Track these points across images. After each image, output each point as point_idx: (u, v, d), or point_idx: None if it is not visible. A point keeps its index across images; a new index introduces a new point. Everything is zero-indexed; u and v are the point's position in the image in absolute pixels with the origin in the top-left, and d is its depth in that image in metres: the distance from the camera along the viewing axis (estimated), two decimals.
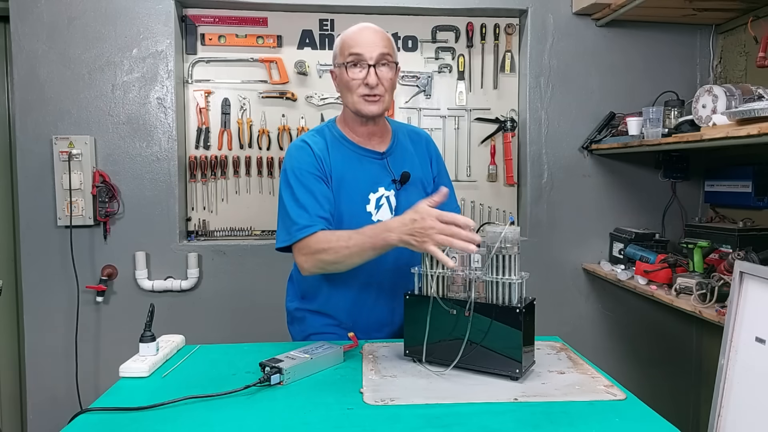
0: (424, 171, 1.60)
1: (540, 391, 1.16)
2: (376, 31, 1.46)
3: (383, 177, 1.52)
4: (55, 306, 2.38)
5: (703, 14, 2.37)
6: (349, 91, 1.46)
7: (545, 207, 2.56)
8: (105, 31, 2.35)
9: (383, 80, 1.44)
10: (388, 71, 1.45)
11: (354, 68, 1.44)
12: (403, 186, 1.53)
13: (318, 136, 1.52)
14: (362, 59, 1.43)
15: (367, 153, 1.52)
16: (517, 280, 1.21)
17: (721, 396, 1.62)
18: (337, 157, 1.49)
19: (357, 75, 1.43)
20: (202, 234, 2.53)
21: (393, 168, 1.53)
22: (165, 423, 1.04)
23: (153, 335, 1.32)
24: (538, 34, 2.51)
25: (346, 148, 1.51)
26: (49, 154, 2.32)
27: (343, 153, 1.50)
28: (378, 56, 1.43)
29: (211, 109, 2.51)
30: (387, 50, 1.44)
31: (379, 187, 1.51)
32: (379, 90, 1.44)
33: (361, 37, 1.44)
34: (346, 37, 1.46)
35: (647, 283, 2.14)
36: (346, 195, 1.48)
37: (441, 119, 2.59)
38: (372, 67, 1.43)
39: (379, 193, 1.50)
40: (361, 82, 1.43)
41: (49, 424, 2.39)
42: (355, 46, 1.43)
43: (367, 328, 1.53)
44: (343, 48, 1.46)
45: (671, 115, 2.16)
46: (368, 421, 1.03)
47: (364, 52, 1.42)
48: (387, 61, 1.44)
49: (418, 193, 1.55)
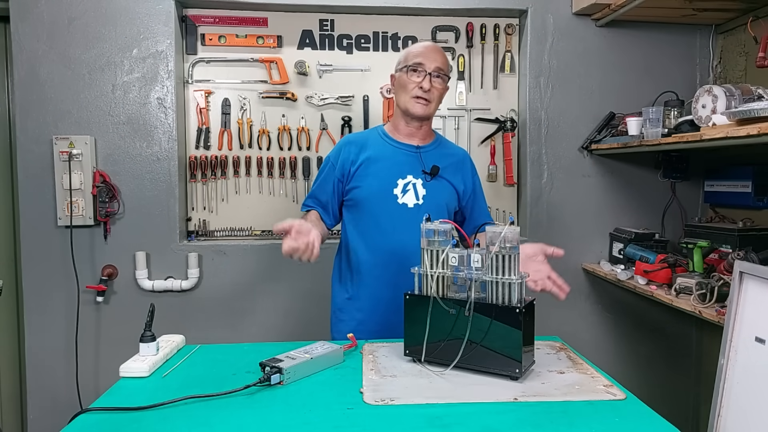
0: (457, 179, 1.78)
1: (540, 391, 1.16)
2: (438, 50, 1.71)
3: (415, 167, 1.71)
4: (55, 306, 2.38)
5: (703, 14, 2.37)
6: (404, 91, 1.69)
7: (545, 207, 2.56)
8: (105, 31, 2.35)
9: (435, 88, 1.67)
10: (441, 83, 1.69)
11: (413, 73, 1.67)
12: (433, 178, 1.71)
13: (362, 133, 1.88)
14: (422, 67, 1.66)
15: (403, 146, 1.74)
16: (517, 280, 1.21)
17: (720, 396, 1.62)
18: (373, 147, 1.73)
19: (415, 79, 1.67)
20: (202, 234, 2.53)
21: (425, 161, 1.72)
22: (165, 423, 1.04)
23: (153, 335, 1.32)
24: (538, 34, 2.51)
25: (384, 141, 1.76)
26: (49, 154, 2.32)
27: (380, 144, 1.75)
28: (435, 68, 1.66)
29: (211, 109, 2.51)
30: (443, 67, 1.69)
31: (408, 174, 1.70)
32: (429, 96, 1.67)
33: (426, 50, 1.69)
34: (413, 48, 1.72)
35: (647, 283, 2.14)
36: (374, 176, 1.69)
37: (441, 119, 2.59)
38: (429, 75, 1.66)
39: (408, 180, 1.70)
40: (416, 85, 1.66)
41: (49, 424, 2.39)
42: (420, 56, 1.67)
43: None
44: (408, 56, 1.70)
45: (671, 115, 2.15)
46: (368, 421, 1.04)
47: (426, 62, 1.66)
48: (441, 74, 1.68)
49: (447, 191, 1.74)
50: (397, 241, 1.66)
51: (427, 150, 1.75)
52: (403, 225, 1.65)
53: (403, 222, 1.66)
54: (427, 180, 1.71)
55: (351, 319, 1.73)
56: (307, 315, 2.44)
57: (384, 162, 1.71)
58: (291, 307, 2.47)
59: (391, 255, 1.67)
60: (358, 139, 1.77)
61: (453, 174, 1.76)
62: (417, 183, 1.70)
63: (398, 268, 1.61)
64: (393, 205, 1.68)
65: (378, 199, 1.68)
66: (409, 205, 1.69)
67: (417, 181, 1.70)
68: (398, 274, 1.61)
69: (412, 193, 1.69)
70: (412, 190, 1.69)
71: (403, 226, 1.65)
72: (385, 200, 1.68)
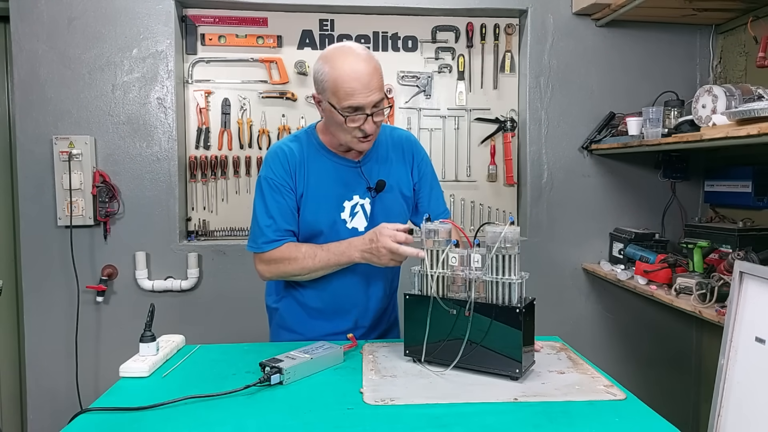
0: (402, 177, 1.57)
1: (540, 391, 1.16)
2: (371, 72, 1.36)
3: (358, 185, 1.50)
4: (55, 306, 2.38)
5: (703, 14, 2.37)
6: (342, 131, 1.41)
7: (545, 207, 2.56)
8: (105, 31, 2.35)
9: (378, 123, 1.41)
10: (383, 114, 1.41)
11: (350, 118, 1.37)
12: (378, 194, 1.51)
13: (295, 142, 1.51)
14: (360, 110, 1.36)
15: (342, 161, 1.50)
16: (517, 280, 1.21)
17: (720, 396, 1.62)
18: (312, 164, 1.48)
19: (354, 123, 1.38)
20: (202, 234, 2.53)
21: (368, 175, 1.51)
22: (165, 423, 1.04)
23: (153, 335, 1.32)
24: (538, 34, 2.51)
25: (322, 155, 1.50)
26: (49, 154, 2.32)
27: (318, 160, 1.49)
28: (374, 103, 1.37)
29: (211, 109, 2.51)
30: (381, 93, 1.39)
31: (354, 195, 1.50)
32: (374, 134, 1.42)
33: (358, 82, 1.34)
34: (340, 80, 1.34)
35: (647, 283, 2.14)
36: (320, 203, 1.47)
37: (441, 119, 2.59)
38: (369, 116, 1.37)
39: (354, 201, 1.50)
40: (357, 128, 1.38)
41: (49, 424, 2.39)
42: (353, 94, 1.34)
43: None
44: (337, 92, 1.35)
45: (671, 115, 2.16)
46: (368, 421, 1.04)
47: (363, 101, 1.35)
48: (381, 105, 1.40)
49: (395, 200, 1.54)
50: (351, 271, 1.48)
51: (367, 161, 1.52)
52: None
53: None
54: (373, 196, 1.50)
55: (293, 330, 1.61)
56: None
57: (327, 184, 1.48)
58: None
59: (341, 288, 1.51)
60: (296, 151, 1.48)
61: (398, 178, 1.55)
62: (364, 203, 1.50)
63: (349, 300, 1.53)
64: (343, 231, 1.48)
65: (327, 227, 1.48)
66: (359, 229, 1.50)
67: (364, 201, 1.50)
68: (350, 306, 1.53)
69: (361, 215, 1.50)
70: (360, 212, 1.50)
71: None
72: (334, 228, 1.48)
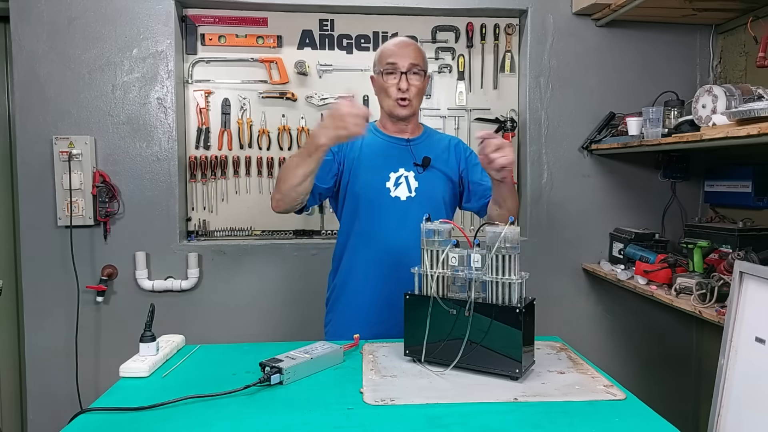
0: (450, 164, 1.78)
1: (540, 391, 1.16)
2: (410, 44, 1.71)
3: (406, 160, 1.72)
4: (55, 306, 2.38)
5: (703, 14, 2.37)
6: (386, 95, 1.70)
7: (545, 207, 2.56)
8: (105, 31, 2.35)
9: (412, 86, 1.67)
10: (418, 79, 1.68)
11: (389, 75, 1.68)
12: (425, 170, 1.71)
13: None
14: (396, 68, 1.66)
15: (393, 139, 1.76)
16: (517, 280, 1.21)
17: (720, 395, 1.62)
18: (366, 143, 1.72)
19: (391, 81, 1.68)
20: (202, 234, 2.53)
21: (416, 153, 1.73)
22: (165, 423, 1.04)
23: (153, 335, 1.32)
24: (538, 34, 2.51)
25: (376, 136, 1.76)
26: (49, 154, 2.32)
27: (372, 140, 1.74)
28: (409, 65, 1.66)
29: (211, 109, 2.51)
30: (417, 61, 1.67)
31: (400, 167, 1.71)
32: (408, 94, 1.67)
33: (397, 49, 1.68)
34: (384, 48, 1.72)
35: (647, 283, 2.14)
36: (368, 172, 1.70)
37: (441, 119, 2.59)
38: (404, 75, 1.66)
39: (400, 173, 1.71)
40: (394, 86, 1.67)
41: (49, 424, 2.39)
42: (392, 56, 1.67)
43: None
44: (381, 58, 1.71)
45: (671, 115, 2.15)
46: (368, 421, 1.04)
47: (398, 61, 1.66)
48: (417, 70, 1.67)
49: (439, 178, 1.74)
50: (389, 234, 1.67)
51: (417, 142, 1.76)
52: (395, 218, 1.67)
53: (395, 215, 1.68)
54: (419, 172, 1.71)
55: (342, 312, 1.75)
56: (307, 315, 2.43)
57: (376, 155, 1.72)
58: (291, 307, 2.47)
59: (383, 248, 1.67)
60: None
61: (445, 163, 1.76)
62: (409, 176, 1.71)
63: (391, 262, 1.64)
64: (385, 198, 1.69)
65: (371, 194, 1.69)
66: (401, 198, 1.70)
67: (409, 174, 1.71)
68: (391, 267, 1.64)
69: (404, 186, 1.70)
70: (404, 183, 1.70)
71: (396, 219, 1.67)
72: (378, 193, 1.69)
